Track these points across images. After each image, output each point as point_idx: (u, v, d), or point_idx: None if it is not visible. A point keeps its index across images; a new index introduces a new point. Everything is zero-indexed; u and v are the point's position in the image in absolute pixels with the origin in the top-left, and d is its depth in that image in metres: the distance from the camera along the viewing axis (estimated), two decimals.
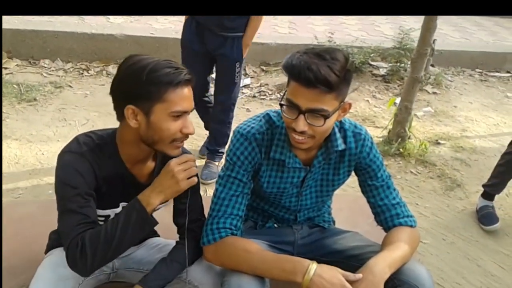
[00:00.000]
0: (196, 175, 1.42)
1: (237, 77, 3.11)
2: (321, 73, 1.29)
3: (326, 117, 1.36)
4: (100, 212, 1.48)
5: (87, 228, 1.32)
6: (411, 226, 1.60)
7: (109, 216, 1.52)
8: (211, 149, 3.33)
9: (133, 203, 1.36)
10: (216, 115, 3.29)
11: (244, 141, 1.54)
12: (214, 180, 2.95)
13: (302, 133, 1.39)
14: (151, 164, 1.52)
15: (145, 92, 1.30)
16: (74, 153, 1.37)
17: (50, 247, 1.63)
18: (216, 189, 1.56)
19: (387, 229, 1.62)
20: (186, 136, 1.39)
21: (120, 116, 1.37)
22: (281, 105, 1.42)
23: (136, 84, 1.29)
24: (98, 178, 1.40)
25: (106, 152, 1.42)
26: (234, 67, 3.05)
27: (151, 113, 1.32)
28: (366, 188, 1.65)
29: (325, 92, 1.32)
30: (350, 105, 1.46)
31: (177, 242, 1.62)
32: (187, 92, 1.34)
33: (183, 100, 1.33)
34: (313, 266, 1.37)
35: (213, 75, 3.23)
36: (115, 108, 1.38)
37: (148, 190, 1.38)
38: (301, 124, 1.37)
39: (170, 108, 1.31)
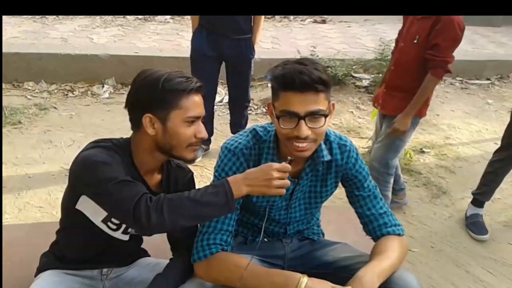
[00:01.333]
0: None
1: (252, 73, 3.59)
2: (315, 74, 1.35)
3: (325, 116, 1.41)
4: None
5: (150, 196, 1.31)
6: (399, 234, 1.62)
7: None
8: None
9: (223, 183, 1.35)
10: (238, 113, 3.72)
11: (232, 157, 1.55)
12: None
13: (305, 138, 1.41)
14: (158, 176, 1.57)
15: (162, 100, 1.38)
16: (102, 148, 1.42)
17: (39, 270, 1.62)
18: None
19: (375, 238, 1.63)
20: (199, 140, 1.46)
21: (137, 126, 1.45)
22: (278, 118, 1.43)
23: (153, 93, 1.39)
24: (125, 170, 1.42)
25: (122, 156, 1.45)
26: (250, 64, 3.51)
27: (167, 120, 1.40)
28: (353, 198, 1.67)
29: (319, 92, 1.37)
30: (333, 105, 1.51)
31: (172, 258, 1.62)
32: (198, 99, 1.44)
33: (196, 106, 1.42)
34: (304, 279, 1.38)
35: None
36: (132, 119, 1.46)
37: (240, 177, 1.37)
38: (304, 129, 1.39)
39: (185, 114, 1.40)
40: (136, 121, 1.44)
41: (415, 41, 2.57)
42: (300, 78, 1.34)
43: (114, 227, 1.53)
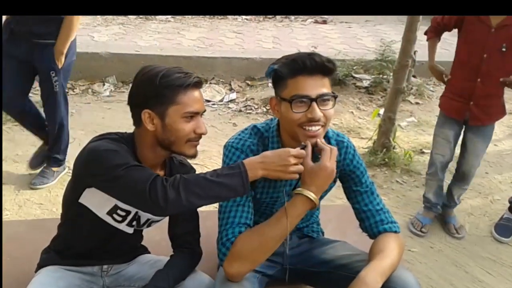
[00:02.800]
0: None
1: (55, 86, 2.96)
2: (322, 58, 1.43)
3: (335, 97, 1.48)
4: (123, 206, 1.49)
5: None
6: (395, 232, 1.63)
7: (130, 212, 1.52)
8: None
9: (239, 165, 1.35)
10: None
11: (240, 154, 1.55)
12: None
13: (318, 120, 1.45)
14: (161, 172, 1.58)
15: (159, 96, 1.39)
16: (109, 139, 1.44)
17: (40, 266, 1.63)
18: (220, 205, 1.56)
19: (371, 235, 1.64)
20: (199, 136, 1.47)
21: (137, 122, 1.46)
22: (290, 102, 1.45)
23: (151, 89, 1.40)
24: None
25: (128, 149, 1.46)
26: (50, 76, 2.91)
27: (165, 115, 1.41)
28: (351, 194, 1.68)
29: (325, 76, 1.46)
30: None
31: (173, 254, 1.63)
32: (197, 94, 1.44)
33: (194, 101, 1.42)
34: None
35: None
36: (133, 115, 1.47)
37: (257, 160, 1.37)
38: (317, 111, 1.43)
39: (182, 110, 1.41)
40: (136, 117, 1.46)
41: (504, 49, 2.55)
42: (311, 61, 1.42)
43: (119, 218, 1.53)
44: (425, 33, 2.95)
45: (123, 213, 1.52)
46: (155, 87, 1.39)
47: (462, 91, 2.73)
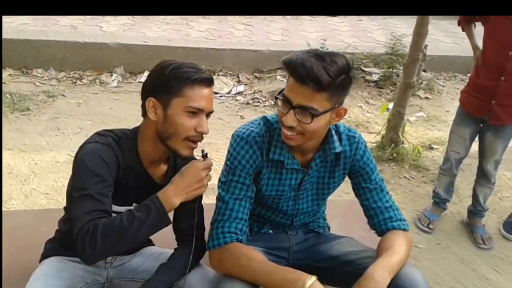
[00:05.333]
0: None
1: None
2: (313, 71, 1.32)
3: (313, 115, 1.38)
4: (115, 208, 1.47)
5: (101, 216, 1.32)
6: (404, 229, 1.61)
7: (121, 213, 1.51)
8: None
9: (153, 200, 1.34)
10: None
11: (244, 145, 1.54)
12: None
13: (291, 128, 1.41)
14: (164, 167, 1.56)
15: (165, 85, 1.38)
16: (100, 143, 1.41)
17: (44, 257, 1.62)
18: (219, 194, 1.57)
19: (380, 232, 1.63)
20: (200, 135, 1.43)
21: (144, 112, 1.45)
22: (276, 98, 1.45)
23: (159, 78, 1.39)
24: (119, 170, 1.43)
25: (126, 146, 1.45)
26: None
27: (168, 106, 1.38)
28: (359, 191, 1.66)
29: (316, 90, 1.34)
30: (345, 110, 1.47)
31: (177, 248, 1.61)
32: (206, 92, 1.41)
33: (200, 98, 1.39)
34: (312, 279, 1.37)
35: None
36: (142, 105, 1.45)
37: (170, 188, 1.37)
38: (290, 119, 1.39)
39: (186, 103, 1.37)
40: (143, 106, 1.45)
41: None
42: (299, 69, 1.33)
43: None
44: (458, 24, 2.87)
45: (119, 210, 1.51)
46: (164, 77, 1.38)
47: (485, 89, 2.66)
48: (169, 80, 1.37)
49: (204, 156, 1.44)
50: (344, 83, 1.39)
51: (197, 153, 1.50)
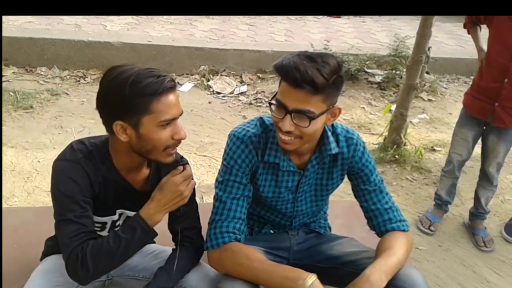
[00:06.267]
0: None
1: None
2: (308, 74, 1.31)
3: (311, 118, 1.37)
4: (97, 219, 1.48)
5: (86, 239, 1.33)
6: (403, 230, 1.60)
7: (106, 223, 1.52)
8: None
9: (136, 220, 1.36)
10: None
11: (240, 144, 1.54)
12: None
13: (288, 133, 1.41)
14: (145, 171, 1.52)
15: (131, 106, 1.27)
16: (69, 161, 1.37)
17: (45, 254, 1.63)
18: (217, 194, 1.57)
19: (379, 233, 1.62)
20: (178, 141, 1.37)
21: (109, 130, 1.35)
22: (270, 104, 1.44)
23: (121, 99, 1.26)
24: (93, 185, 1.39)
25: (100, 159, 1.41)
26: None
27: (139, 125, 1.30)
28: (359, 192, 1.66)
29: (312, 93, 1.34)
30: (339, 110, 1.47)
31: (174, 249, 1.61)
32: (172, 98, 1.31)
33: (169, 107, 1.30)
34: (313, 278, 1.37)
35: None
36: (104, 122, 1.36)
37: (152, 206, 1.38)
38: (287, 124, 1.39)
39: (158, 118, 1.29)
40: (108, 126, 1.35)
41: None
42: (293, 73, 1.32)
43: (98, 228, 1.53)
44: (464, 27, 2.87)
45: (99, 225, 1.52)
46: (125, 97, 1.25)
47: (488, 91, 2.65)
48: (132, 99, 1.26)
49: (183, 165, 1.41)
50: (337, 82, 1.39)
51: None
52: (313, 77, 1.31)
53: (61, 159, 1.39)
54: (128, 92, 1.25)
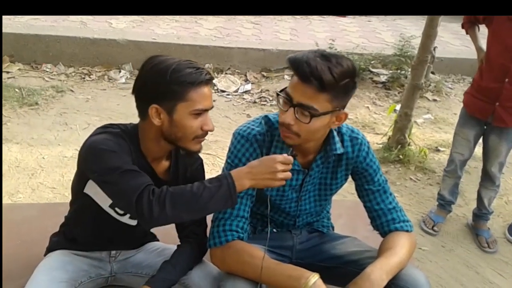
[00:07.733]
0: None
1: None
2: (317, 69, 1.32)
3: (313, 115, 1.37)
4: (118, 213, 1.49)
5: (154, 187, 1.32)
6: (407, 231, 1.60)
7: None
8: None
9: (225, 176, 1.34)
10: None
11: (245, 143, 1.54)
12: None
13: (287, 127, 1.41)
14: (166, 163, 1.56)
15: (169, 92, 1.35)
16: (108, 133, 1.41)
17: (49, 250, 1.64)
18: None
19: (383, 233, 1.62)
20: (206, 132, 1.43)
21: (143, 115, 1.42)
22: (277, 94, 1.45)
23: (161, 84, 1.35)
24: (132, 157, 1.42)
25: (130, 142, 1.44)
26: None
27: (174, 111, 1.37)
28: (362, 192, 1.66)
29: (318, 90, 1.34)
30: (346, 115, 1.47)
31: (179, 245, 1.62)
32: (207, 91, 1.39)
33: (204, 99, 1.38)
34: (315, 277, 1.37)
35: None
36: (138, 107, 1.43)
37: (244, 170, 1.37)
38: (289, 116, 1.39)
39: (192, 107, 1.37)
40: (142, 110, 1.42)
41: None
42: (303, 67, 1.34)
43: (121, 212, 1.53)
44: (462, 27, 2.89)
45: (121, 212, 1.52)
46: (166, 83, 1.34)
47: (489, 90, 2.65)
48: (172, 85, 1.34)
49: (291, 153, 1.42)
50: (348, 86, 1.39)
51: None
52: (322, 73, 1.32)
53: (98, 133, 1.41)
54: (169, 78, 1.34)
